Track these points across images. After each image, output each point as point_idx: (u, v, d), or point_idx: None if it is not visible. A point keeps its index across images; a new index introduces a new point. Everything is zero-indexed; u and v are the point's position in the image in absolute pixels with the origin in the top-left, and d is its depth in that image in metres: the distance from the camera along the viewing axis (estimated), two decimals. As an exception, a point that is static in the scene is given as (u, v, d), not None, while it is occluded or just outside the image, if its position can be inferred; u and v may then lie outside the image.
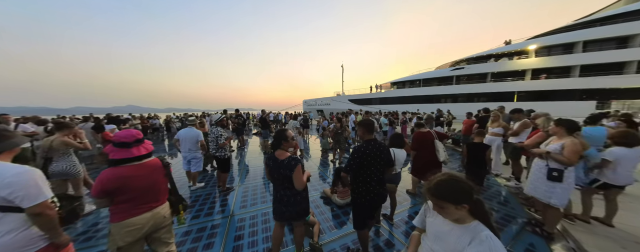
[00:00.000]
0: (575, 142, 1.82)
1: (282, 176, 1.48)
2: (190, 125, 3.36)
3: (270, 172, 1.57)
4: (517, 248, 1.91)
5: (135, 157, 1.19)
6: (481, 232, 0.73)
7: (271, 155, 1.57)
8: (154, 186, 1.27)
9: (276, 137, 1.56)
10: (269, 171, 1.59)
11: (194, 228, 2.27)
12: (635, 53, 13.90)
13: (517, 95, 17.08)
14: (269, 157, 1.58)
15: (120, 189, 1.13)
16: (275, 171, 1.51)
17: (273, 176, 1.55)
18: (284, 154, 1.53)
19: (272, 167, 1.53)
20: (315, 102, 29.35)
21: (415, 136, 2.89)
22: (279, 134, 1.55)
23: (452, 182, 0.78)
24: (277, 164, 1.49)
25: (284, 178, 1.48)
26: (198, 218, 2.48)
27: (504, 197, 2.94)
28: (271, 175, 1.58)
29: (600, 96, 14.40)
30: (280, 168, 1.47)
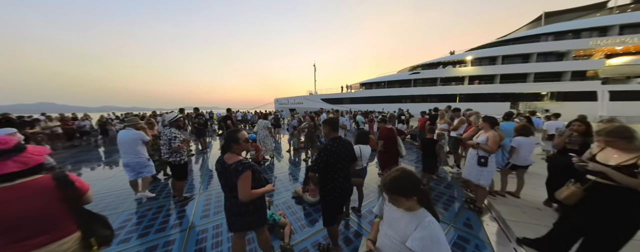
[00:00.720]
0: (495, 134, 2.31)
1: (229, 181, 1.32)
2: (129, 126, 2.88)
3: (219, 177, 1.40)
4: (458, 223, 2.30)
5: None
6: (425, 219, 0.85)
7: (220, 158, 1.41)
8: (37, 215, 0.89)
9: (226, 138, 1.39)
10: (218, 176, 1.42)
11: (141, 249, 1.93)
12: (532, 67, 18.58)
13: (458, 97, 20.64)
14: (219, 159, 1.41)
15: None
16: (222, 176, 1.36)
17: (220, 182, 1.41)
18: (233, 157, 1.36)
19: (220, 172, 1.37)
20: (288, 100, 28.82)
21: (381, 131, 3.15)
22: (229, 135, 1.39)
23: (403, 177, 0.88)
24: (224, 169, 1.33)
25: (231, 185, 1.32)
26: (146, 236, 2.12)
27: (449, 182, 3.50)
28: (219, 180, 1.43)
29: (512, 99, 18.70)
30: (227, 173, 1.31)
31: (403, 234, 0.88)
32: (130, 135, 2.82)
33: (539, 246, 1.76)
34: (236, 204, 1.36)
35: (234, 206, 1.38)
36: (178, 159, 2.71)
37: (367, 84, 25.79)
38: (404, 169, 0.92)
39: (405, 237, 0.87)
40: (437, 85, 21.90)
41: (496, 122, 2.44)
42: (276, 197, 3.01)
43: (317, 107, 16.58)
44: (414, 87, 22.81)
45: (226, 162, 1.34)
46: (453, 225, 2.26)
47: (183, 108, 6.12)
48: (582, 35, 17.63)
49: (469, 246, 1.93)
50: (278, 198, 2.96)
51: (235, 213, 1.38)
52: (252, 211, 1.40)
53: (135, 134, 2.83)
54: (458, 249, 1.89)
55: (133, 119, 2.98)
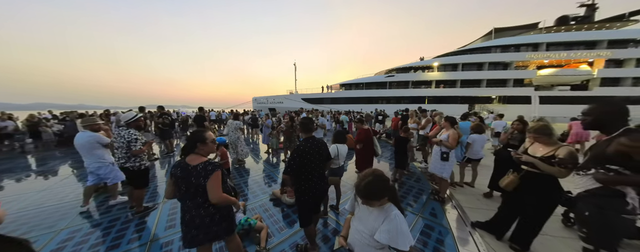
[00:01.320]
0: (454, 132, 2.60)
1: (193, 186, 1.17)
2: (86, 126, 2.50)
3: (177, 183, 1.22)
4: (425, 213, 2.53)
5: None
6: (391, 213, 0.92)
7: (180, 161, 1.25)
8: None
9: (190, 138, 1.27)
10: (175, 182, 1.23)
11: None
12: (485, 74, 21.67)
13: (427, 99, 22.77)
14: (177, 164, 1.24)
15: None
16: (183, 181, 1.19)
17: (180, 189, 1.22)
18: (197, 158, 1.24)
19: (180, 177, 1.20)
20: (267, 100, 27.87)
21: (358, 132, 3.25)
22: (194, 134, 1.27)
23: (376, 182, 0.93)
24: (187, 172, 1.19)
25: (196, 190, 1.17)
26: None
27: (418, 176, 3.83)
28: (177, 187, 1.23)
29: (470, 101, 21.43)
30: (191, 176, 1.17)
31: (372, 228, 0.93)
32: (85, 138, 2.43)
33: (488, 227, 2.05)
34: (199, 215, 1.20)
35: (196, 217, 1.20)
36: (138, 164, 2.39)
37: (346, 85, 26.55)
38: (376, 173, 0.96)
39: (374, 231, 0.92)
40: (409, 88, 23.82)
41: (455, 122, 2.75)
42: (252, 200, 2.88)
43: (297, 106, 16.44)
44: (389, 89, 24.39)
45: (189, 165, 1.21)
46: (421, 215, 2.48)
47: (143, 106, 5.42)
48: (521, 49, 21.27)
49: (433, 233, 2.14)
50: (254, 201, 2.84)
51: (198, 225, 1.21)
52: (218, 220, 1.26)
53: (90, 137, 2.44)
54: (424, 236, 2.08)
55: (90, 119, 2.56)
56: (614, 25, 21.41)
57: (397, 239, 0.86)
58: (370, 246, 0.95)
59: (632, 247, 1.81)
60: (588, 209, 1.22)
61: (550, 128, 1.65)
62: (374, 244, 0.93)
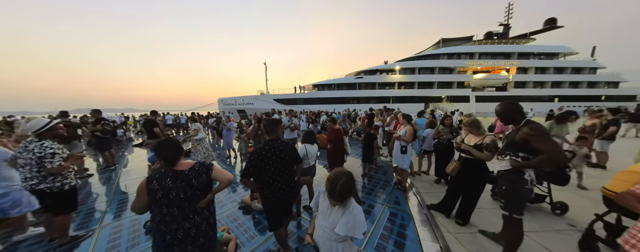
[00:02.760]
0: (410, 128, 2.94)
1: (192, 190, 1.15)
2: None
3: (164, 195, 1.09)
4: (391, 202, 2.76)
5: None
6: (350, 206, 0.97)
7: (165, 171, 1.15)
8: None
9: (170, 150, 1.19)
10: (160, 195, 1.09)
11: None
12: (435, 77, 25.31)
13: (391, 99, 25.12)
14: (162, 175, 1.12)
15: None
16: (180, 188, 1.12)
17: (166, 198, 1.10)
18: (185, 163, 1.23)
19: (172, 187, 1.10)
20: (235, 101, 25.97)
21: (330, 132, 3.34)
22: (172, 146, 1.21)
23: (350, 183, 0.97)
24: (184, 176, 1.15)
25: (193, 195, 1.15)
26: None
27: (384, 170, 4.16)
28: (163, 198, 1.09)
29: (425, 101, 24.64)
30: (191, 179, 1.16)
31: (333, 223, 0.97)
32: None
33: (439, 207, 2.37)
34: (195, 225, 1.17)
35: (191, 229, 1.15)
36: (59, 184, 1.87)
37: (319, 86, 26.95)
38: (346, 173, 1.00)
39: (334, 225, 0.96)
40: (376, 88, 25.81)
41: (411, 119, 3.11)
42: (219, 210, 2.64)
43: (269, 107, 15.85)
44: (359, 90, 25.91)
45: (184, 171, 1.18)
46: (387, 205, 2.70)
47: (66, 111, 4.34)
48: (462, 57, 25.74)
49: (397, 219, 2.36)
50: (221, 212, 2.61)
51: (193, 240, 1.15)
52: (205, 230, 1.22)
53: None
54: (390, 223, 2.28)
55: None
56: (521, 41, 27.94)
57: (354, 229, 0.92)
58: (332, 240, 0.99)
59: (531, 208, 2.41)
60: (504, 184, 1.54)
61: (478, 122, 2.04)
62: (335, 237, 0.97)
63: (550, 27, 27.98)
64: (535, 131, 1.38)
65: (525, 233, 1.53)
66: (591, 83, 25.60)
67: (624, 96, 25.16)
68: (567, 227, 2.11)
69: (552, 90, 25.37)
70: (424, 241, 1.96)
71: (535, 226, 2.09)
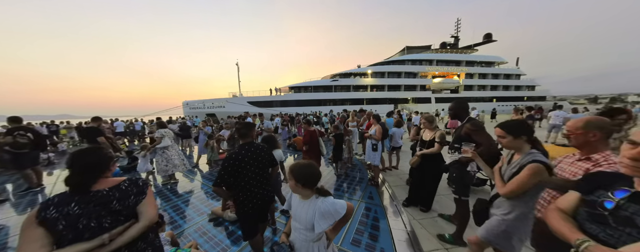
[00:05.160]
0: (379, 127, 3.19)
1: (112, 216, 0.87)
2: None
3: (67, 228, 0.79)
4: (365, 197, 2.92)
5: None
6: (317, 201, 0.98)
7: (70, 194, 0.85)
8: None
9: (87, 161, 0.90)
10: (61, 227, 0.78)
11: None
12: (402, 81, 28.06)
13: (365, 100, 26.70)
14: (62, 200, 0.83)
15: None
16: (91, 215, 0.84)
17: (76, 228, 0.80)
18: (108, 181, 0.95)
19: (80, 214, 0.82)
20: (204, 104, 23.86)
21: (304, 134, 3.37)
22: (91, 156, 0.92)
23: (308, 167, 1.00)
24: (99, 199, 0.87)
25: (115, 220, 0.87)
26: None
27: (359, 167, 4.38)
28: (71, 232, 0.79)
29: (394, 102, 27.02)
30: (111, 202, 0.88)
31: (305, 222, 0.98)
32: None
33: (410, 201, 2.61)
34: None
35: None
36: None
37: (296, 88, 26.83)
38: (310, 162, 1.04)
39: (307, 225, 0.97)
40: (351, 91, 27.06)
41: (379, 118, 3.37)
42: (186, 225, 2.39)
43: (242, 110, 15.02)
44: (335, 92, 26.74)
45: (101, 191, 0.89)
46: (361, 200, 2.85)
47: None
48: (423, 63, 29.28)
49: (371, 213, 2.51)
50: (187, 227, 2.36)
51: None
52: None
53: None
54: (365, 218, 2.40)
55: None
56: (467, 51, 33.29)
57: (334, 215, 0.95)
58: (307, 240, 1.00)
59: (476, 191, 2.85)
60: (454, 172, 1.81)
61: (432, 117, 2.36)
62: (311, 237, 0.99)
63: (488, 41, 34.18)
64: (475, 126, 1.67)
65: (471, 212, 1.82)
66: (517, 87, 32.22)
67: (538, 97, 32.48)
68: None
69: (491, 92, 31.01)
70: (394, 230, 2.13)
71: (480, 206, 2.50)
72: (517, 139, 1.14)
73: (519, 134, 1.14)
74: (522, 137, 1.14)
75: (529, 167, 1.04)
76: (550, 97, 36.87)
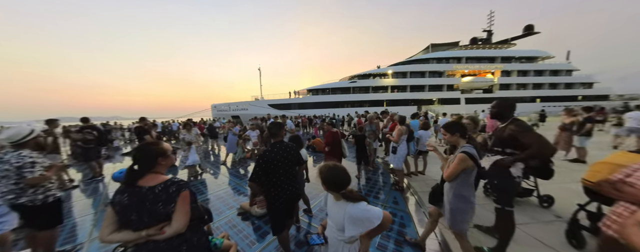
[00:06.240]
0: (399, 128, 3.06)
1: (148, 214, 0.92)
2: None
3: (123, 214, 0.92)
4: (389, 202, 2.81)
5: None
6: (347, 207, 0.98)
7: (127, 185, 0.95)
8: None
9: (143, 153, 0.99)
10: (119, 212, 0.92)
11: None
12: (426, 81, 26.23)
13: (385, 102, 25.68)
14: (122, 189, 0.95)
15: None
16: (134, 209, 0.91)
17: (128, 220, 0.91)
18: (156, 177, 0.99)
19: (128, 205, 0.91)
20: (229, 106, 25.69)
21: (326, 135, 3.38)
22: (147, 148, 1.01)
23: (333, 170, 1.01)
24: (141, 196, 0.92)
25: (152, 219, 0.92)
26: None
27: (381, 170, 4.23)
28: (124, 219, 0.92)
29: (418, 103, 25.43)
30: (146, 201, 0.92)
31: (337, 222, 0.99)
32: None
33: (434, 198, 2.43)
34: (159, 249, 0.92)
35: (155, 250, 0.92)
36: (41, 196, 1.75)
37: (313, 90, 27.20)
38: (334, 163, 1.05)
39: (339, 225, 0.98)
40: (370, 92, 26.36)
41: (404, 120, 3.23)
42: (217, 218, 2.59)
43: (264, 113, 15.78)
44: (353, 94, 26.36)
45: (143, 187, 0.95)
46: (385, 205, 2.74)
47: (53, 119, 4.17)
48: (450, 61, 26.93)
49: (396, 218, 2.40)
50: (219, 219, 2.56)
51: None
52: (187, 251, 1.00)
53: None
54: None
55: None
56: (503, 46, 29.70)
57: (365, 223, 0.93)
58: (339, 240, 1.01)
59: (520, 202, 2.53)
60: (495, 178, 1.63)
61: (477, 120, 2.19)
62: (343, 237, 0.99)
63: (529, 33, 30.09)
64: (521, 127, 1.49)
65: (516, 225, 1.62)
66: (568, 84, 27.42)
67: (597, 96, 27.00)
68: (554, 218, 2.22)
69: (534, 91, 26.87)
70: (423, 239, 2.01)
71: (525, 218, 2.19)
72: (453, 135, 1.50)
73: (454, 132, 1.50)
74: (456, 134, 1.49)
75: (458, 156, 1.40)
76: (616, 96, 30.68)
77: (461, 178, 1.42)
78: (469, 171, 1.39)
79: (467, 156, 1.35)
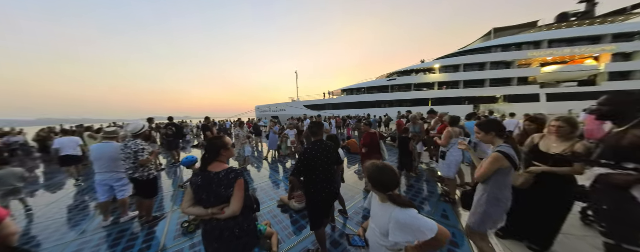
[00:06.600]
0: (448, 131, 2.62)
1: (214, 194, 1.13)
2: (108, 138, 2.53)
3: (197, 192, 1.16)
4: (436, 215, 2.46)
5: None
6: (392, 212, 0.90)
7: (201, 170, 1.20)
8: None
9: (210, 145, 1.21)
10: (195, 191, 1.16)
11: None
12: (487, 74, 21.54)
13: (431, 101, 22.67)
14: (198, 172, 1.20)
15: None
16: (205, 190, 1.14)
17: (200, 198, 1.15)
18: (220, 165, 1.20)
19: (201, 185, 1.14)
20: (270, 108, 28.37)
21: (364, 136, 3.21)
22: (214, 141, 1.22)
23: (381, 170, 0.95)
24: (209, 180, 1.14)
25: (217, 199, 1.13)
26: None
27: (426, 179, 3.74)
28: (198, 196, 1.16)
29: (474, 101, 21.24)
30: (213, 184, 1.13)
31: (380, 226, 0.93)
32: (110, 149, 2.43)
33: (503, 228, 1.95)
34: (219, 227, 1.13)
35: (216, 228, 1.13)
36: (146, 174, 2.42)
37: (348, 90, 26.77)
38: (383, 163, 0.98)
39: (382, 229, 0.92)
40: (412, 90, 23.82)
41: (456, 121, 2.76)
42: (260, 207, 2.88)
43: (300, 113, 16.66)
44: (392, 93, 24.44)
45: (211, 172, 1.16)
46: (432, 218, 2.41)
47: (152, 118, 5.60)
48: (523, 47, 21.15)
49: (446, 236, 2.08)
50: (262, 208, 2.84)
51: (218, 238, 1.14)
52: (238, 235, 1.16)
53: (116, 148, 2.45)
54: (437, 240, 2.02)
55: (114, 132, 2.61)
56: (616, 19, 21.21)
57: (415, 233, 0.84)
58: (381, 245, 0.95)
59: None
60: (606, 203, 1.18)
61: (575, 121, 1.54)
62: (385, 243, 0.92)
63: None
64: None
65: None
66: None
67: None
68: None
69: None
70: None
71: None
72: (488, 135, 1.41)
73: (489, 130, 1.40)
74: (492, 133, 1.40)
75: (491, 155, 1.32)
76: None
77: (495, 179, 1.33)
78: (505, 171, 1.31)
79: (502, 155, 1.26)
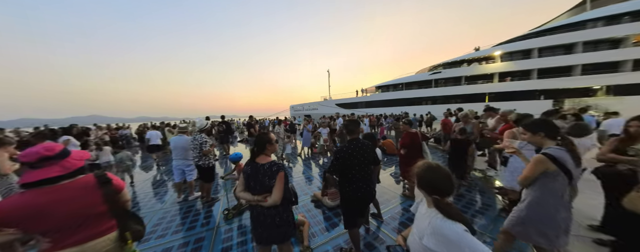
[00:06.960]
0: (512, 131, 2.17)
1: (260, 183, 1.28)
2: (182, 132, 3.21)
3: (247, 180, 1.33)
4: (494, 231, 2.06)
5: (45, 179, 0.90)
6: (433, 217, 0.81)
7: (249, 160, 1.37)
8: (81, 212, 0.95)
9: (259, 140, 1.36)
10: (246, 179, 1.33)
11: (175, 244, 2.11)
12: (578, 58, 16.21)
13: (488, 96, 18.80)
14: (248, 162, 1.37)
15: (23, 223, 0.86)
16: (253, 178, 1.30)
17: (249, 185, 1.32)
18: (265, 158, 1.35)
19: (250, 174, 1.31)
20: (303, 107, 29.54)
21: (404, 135, 2.92)
22: (262, 136, 1.37)
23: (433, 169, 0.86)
24: (256, 170, 1.30)
25: (262, 187, 1.28)
26: (179, 233, 2.32)
27: (480, 189, 3.17)
28: (247, 184, 1.33)
29: (555, 95, 16.30)
30: (259, 174, 1.28)
31: (420, 231, 0.85)
32: (183, 141, 3.09)
33: None
34: (263, 214, 1.28)
35: (260, 215, 1.29)
36: (208, 162, 2.96)
37: (383, 87, 25.13)
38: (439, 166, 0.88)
39: (421, 235, 0.84)
40: (461, 84, 20.41)
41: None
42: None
43: (332, 112, 16.68)
44: (435, 88, 21.57)
45: (258, 163, 1.32)
46: (488, 235, 2.03)
47: (208, 116, 6.69)
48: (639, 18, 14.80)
49: (510, 259, 1.71)
50: (297, 201, 3.02)
51: (262, 224, 1.30)
52: (278, 223, 1.30)
53: (187, 140, 3.09)
54: (497, 262, 1.68)
55: (186, 127, 3.36)
56: None
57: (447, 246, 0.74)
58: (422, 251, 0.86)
59: None
60: None
61: None
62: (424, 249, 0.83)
63: None
64: None
65: None
66: None
67: None
68: None
69: None
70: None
71: None
72: (535, 135, 1.30)
73: (536, 131, 1.30)
74: (540, 134, 1.29)
75: (533, 157, 1.24)
76: None
77: (541, 183, 1.23)
78: (552, 174, 1.19)
79: (546, 157, 1.17)
